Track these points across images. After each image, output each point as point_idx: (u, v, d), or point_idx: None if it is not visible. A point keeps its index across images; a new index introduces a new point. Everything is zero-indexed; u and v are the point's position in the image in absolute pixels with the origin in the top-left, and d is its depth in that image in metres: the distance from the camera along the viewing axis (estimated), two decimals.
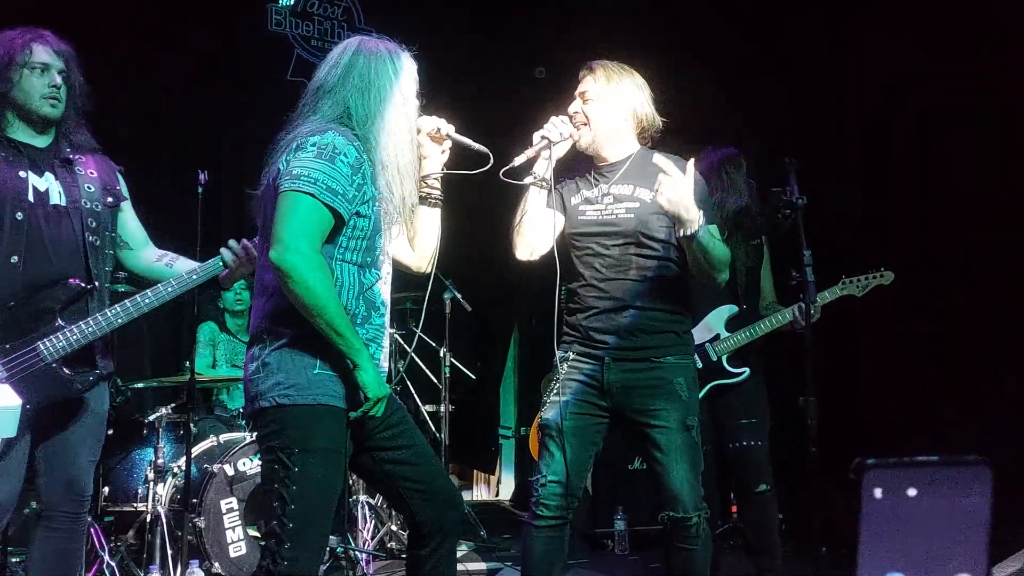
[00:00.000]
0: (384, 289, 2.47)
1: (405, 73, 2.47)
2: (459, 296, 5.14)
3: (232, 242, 2.85)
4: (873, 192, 5.14)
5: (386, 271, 2.49)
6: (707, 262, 2.84)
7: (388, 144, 2.38)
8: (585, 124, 3.00)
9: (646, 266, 2.94)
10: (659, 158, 2.93)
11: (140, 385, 4.42)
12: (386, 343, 2.47)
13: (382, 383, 2.33)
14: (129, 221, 3.00)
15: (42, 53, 2.75)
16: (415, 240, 2.64)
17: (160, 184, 5.50)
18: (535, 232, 3.01)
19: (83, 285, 2.74)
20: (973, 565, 1.03)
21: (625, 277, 2.93)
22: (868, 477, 1.06)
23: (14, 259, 2.66)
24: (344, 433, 2.33)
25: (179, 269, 2.92)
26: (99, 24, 5.25)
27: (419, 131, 2.58)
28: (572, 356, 2.98)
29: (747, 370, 3.80)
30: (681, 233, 2.76)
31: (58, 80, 2.76)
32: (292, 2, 5.94)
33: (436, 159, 2.66)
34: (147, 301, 2.78)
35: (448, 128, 2.63)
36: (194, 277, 2.83)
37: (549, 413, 2.94)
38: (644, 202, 2.94)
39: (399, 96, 2.43)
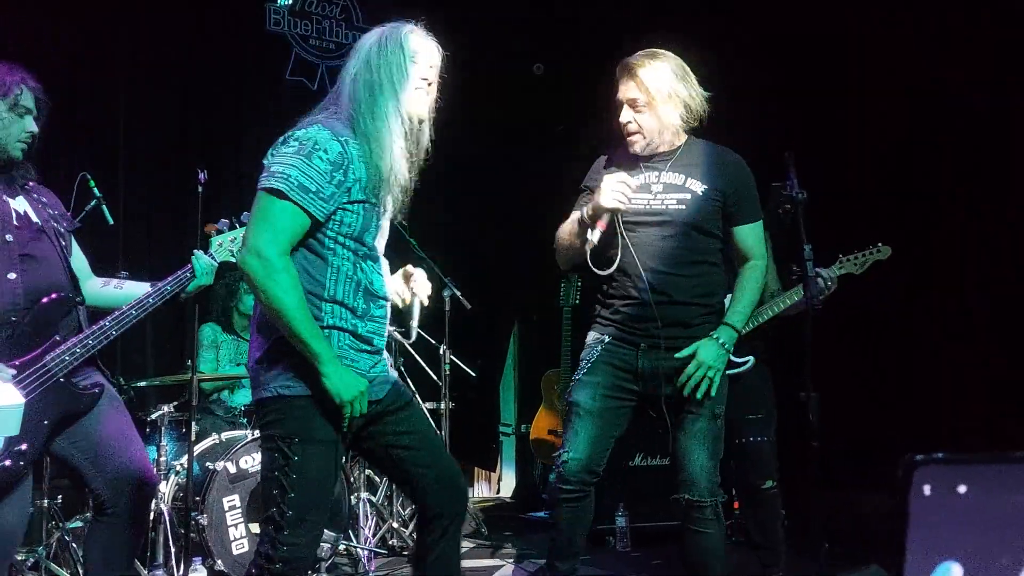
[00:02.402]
0: (380, 279, 2.46)
1: (415, 60, 2.41)
2: (459, 293, 5.14)
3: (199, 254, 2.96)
4: (878, 179, 5.14)
5: (384, 261, 2.50)
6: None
7: (387, 137, 2.34)
8: (638, 133, 2.96)
9: (690, 259, 2.94)
10: (709, 147, 3.02)
11: (142, 384, 4.43)
12: (386, 332, 2.48)
13: (351, 383, 2.28)
14: (76, 254, 3.03)
15: (29, 98, 2.81)
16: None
17: (159, 183, 5.51)
18: (574, 258, 3.05)
19: (75, 298, 2.81)
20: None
21: (668, 270, 2.93)
22: (917, 474, 1.03)
23: (11, 276, 2.70)
24: (343, 424, 2.34)
25: (130, 288, 3.00)
26: (98, 24, 5.26)
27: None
28: (608, 339, 2.99)
29: (751, 359, 3.77)
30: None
31: (35, 127, 2.82)
32: (291, 1, 5.94)
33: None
34: (134, 312, 2.84)
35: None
36: (168, 288, 2.91)
37: (580, 393, 2.97)
38: (696, 194, 2.93)
39: (401, 84, 2.38)
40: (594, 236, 2.88)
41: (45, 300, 2.73)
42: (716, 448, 2.96)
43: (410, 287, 2.58)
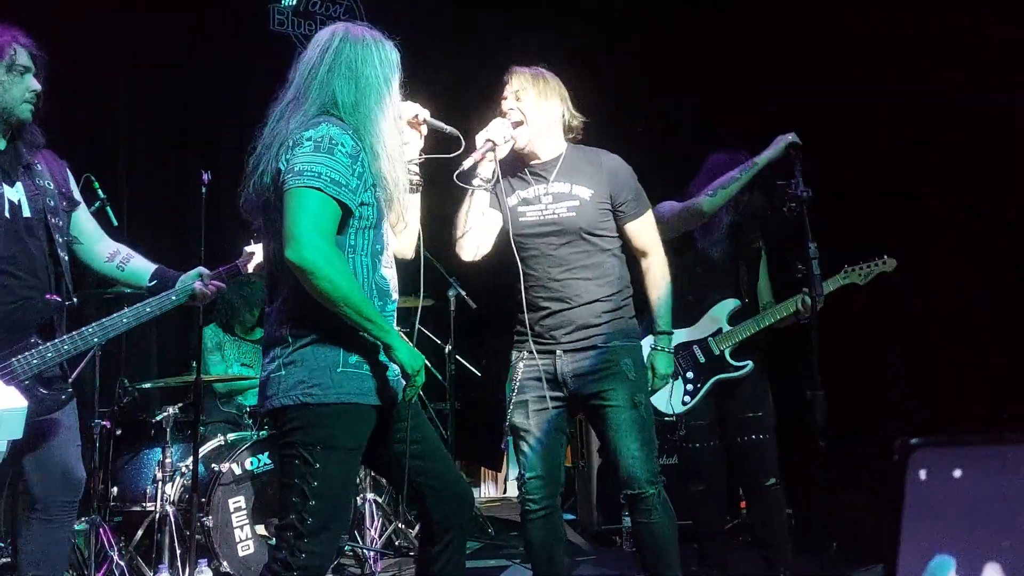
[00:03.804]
0: (391, 273, 2.49)
1: (390, 61, 2.48)
2: (463, 293, 5.14)
3: (203, 272, 2.95)
4: (877, 179, 5.12)
5: (391, 255, 2.51)
6: None
7: (376, 131, 2.39)
8: (521, 123, 3.08)
9: (590, 262, 3.08)
10: (588, 152, 3.15)
11: (147, 385, 4.43)
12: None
13: (415, 354, 2.37)
14: (80, 217, 3.00)
15: (24, 56, 2.75)
16: (397, 226, 2.62)
17: (163, 184, 5.50)
18: (481, 235, 3.10)
19: (62, 302, 2.76)
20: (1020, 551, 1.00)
21: (571, 276, 3.06)
22: (913, 458, 1.02)
23: None
24: (365, 431, 2.35)
25: (132, 269, 2.99)
26: (102, 24, 5.26)
27: (400, 118, 2.58)
28: (526, 355, 3.10)
29: (750, 363, 3.80)
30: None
31: (36, 85, 2.77)
32: (294, 2, 5.93)
33: (415, 145, 2.68)
34: (124, 321, 2.82)
35: (424, 113, 2.66)
36: (172, 298, 2.91)
37: (516, 416, 3.10)
38: (583, 199, 3.08)
39: (384, 84, 2.44)
40: (467, 162, 2.93)
41: (27, 301, 2.68)
42: (646, 435, 3.02)
43: None
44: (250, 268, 3.09)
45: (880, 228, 4.94)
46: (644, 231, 3.19)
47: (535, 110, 3.10)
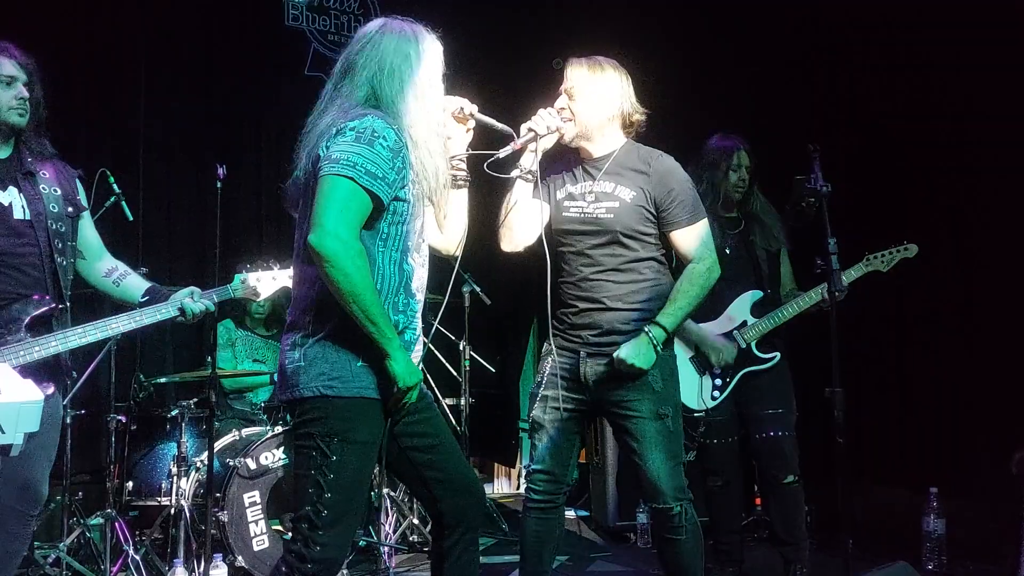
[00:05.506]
0: (421, 272, 2.47)
1: (429, 55, 2.46)
2: (478, 289, 5.13)
3: (194, 291, 2.98)
4: (872, 177, 5.08)
5: (425, 254, 2.50)
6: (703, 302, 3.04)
7: (415, 125, 2.38)
8: (570, 120, 3.02)
9: (625, 266, 3.00)
10: (643, 152, 3.05)
11: (162, 380, 4.43)
12: (419, 325, 2.47)
13: (413, 371, 2.33)
14: (86, 231, 3.04)
15: (8, 66, 2.82)
16: (444, 222, 2.63)
17: (178, 180, 5.50)
18: (521, 225, 3.05)
19: (53, 304, 2.78)
20: None
21: (603, 277, 3.00)
22: None
23: None
24: (382, 425, 2.34)
25: (127, 286, 3.02)
26: (116, 22, 5.27)
27: (443, 110, 2.57)
28: (555, 350, 3.04)
29: (778, 354, 3.78)
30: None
31: (24, 92, 2.82)
32: None
33: (460, 140, 2.66)
34: (113, 326, 2.84)
35: (471, 108, 2.64)
36: (164, 311, 2.92)
37: (536, 408, 3.06)
38: (624, 201, 2.99)
39: (423, 77, 2.42)
40: (504, 151, 2.84)
41: (36, 297, 2.73)
42: (673, 448, 2.94)
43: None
44: (241, 294, 3.13)
45: (888, 223, 4.90)
46: (688, 241, 3.01)
47: (587, 107, 3.01)
